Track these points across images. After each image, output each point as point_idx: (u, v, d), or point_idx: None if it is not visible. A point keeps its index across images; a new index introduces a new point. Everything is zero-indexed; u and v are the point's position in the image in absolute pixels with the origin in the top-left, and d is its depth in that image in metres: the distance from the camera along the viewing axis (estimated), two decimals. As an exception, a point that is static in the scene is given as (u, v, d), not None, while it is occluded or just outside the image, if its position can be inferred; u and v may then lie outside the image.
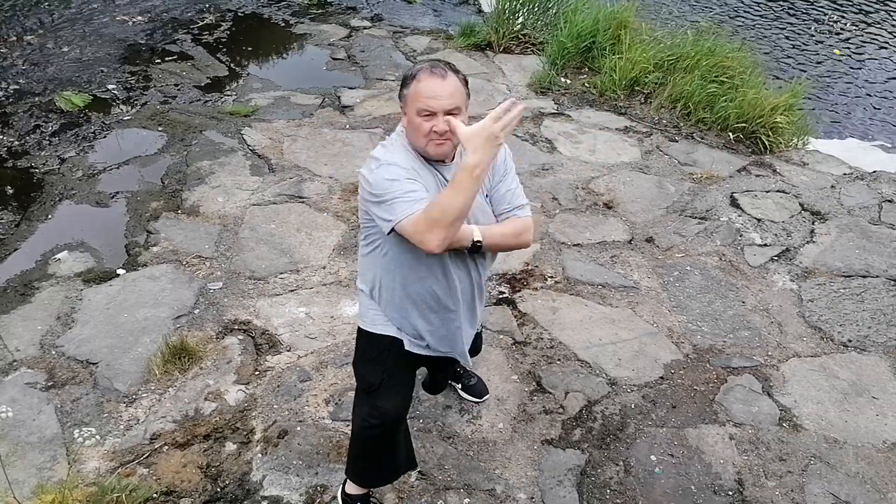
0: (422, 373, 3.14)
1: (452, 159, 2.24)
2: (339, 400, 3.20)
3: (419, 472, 2.90)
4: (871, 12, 8.48)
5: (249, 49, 6.69)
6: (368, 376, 2.48)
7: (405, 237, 2.08)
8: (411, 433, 3.01)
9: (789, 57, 7.37)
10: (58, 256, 3.99)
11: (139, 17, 6.99)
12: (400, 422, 2.54)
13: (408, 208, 2.04)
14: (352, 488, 2.71)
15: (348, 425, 3.05)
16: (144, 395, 3.20)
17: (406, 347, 2.43)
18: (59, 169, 4.74)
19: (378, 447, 2.53)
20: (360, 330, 2.50)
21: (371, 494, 2.75)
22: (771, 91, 5.75)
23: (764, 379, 3.48)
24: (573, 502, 2.85)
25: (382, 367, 2.43)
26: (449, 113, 2.10)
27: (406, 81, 2.16)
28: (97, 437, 3.00)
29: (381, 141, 2.30)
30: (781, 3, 8.51)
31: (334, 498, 2.78)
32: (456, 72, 2.16)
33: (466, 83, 2.18)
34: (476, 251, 2.23)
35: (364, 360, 2.52)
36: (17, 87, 5.66)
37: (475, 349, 3.02)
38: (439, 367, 2.90)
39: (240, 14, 7.29)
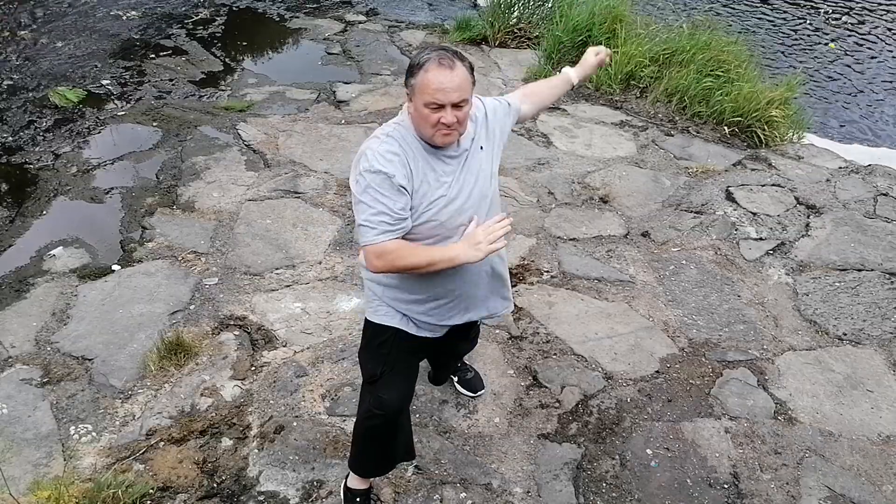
0: (427, 367, 3.16)
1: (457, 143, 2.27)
2: (336, 395, 3.20)
3: (416, 466, 2.91)
4: (866, 6, 8.48)
5: (244, 44, 6.67)
6: (371, 366, 2.49)
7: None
8: (408, 428, 3.02)
9: (785, 51, 7.37)
10: (52, 252, 3.98)
11: (133, 12, 6.96)
12: (401, 413, 2.54)
13: (372, 237, 2.14)
14: (353, 483, 2.71)
15: (345, 420, 3.06)
16: (140, 391, 3.20)
17: (412, 332, 2.43)
18: (53, 165, 4.72)
19: (378, 438, 2.54)
20: (365, 319, 2.51)
21: (371, 490, 2.75)
22: (766, 85, 5.75)
23: (759, 372, 3.49)
24: (569, 496, 2.85)
25: (384, 357, 2.44)
26: (456, 105, 2.10)
27: (413, 70, 2.14)
28: (93, 433, 3.00)
29: (383, 128, 2.28)
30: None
31: (331, 493, 2.79)
32: (462, 59, 2.15)
33: (472, 70, 2.19)
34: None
35: (367, 350, 2.53)
36: (10, 82, 5.63)
37: (471, 343, 3.03)
38: (441, 360, 2.91)
39: (234, 9, 7.26)
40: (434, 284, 2.35)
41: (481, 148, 2.33)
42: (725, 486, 2.93)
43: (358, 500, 2.70)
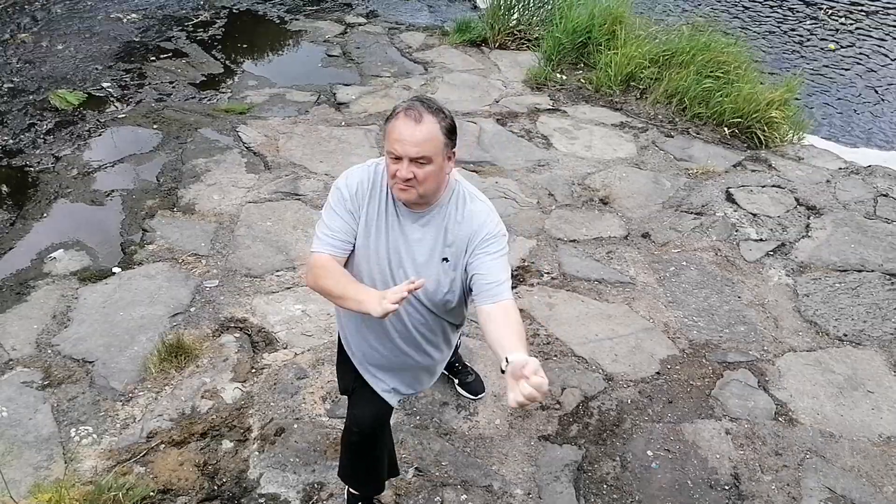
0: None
1: (423, 207, 2.09)
2: (336, 397, 3.20)
3: (416, 468, 2.91)
4: (866, 6, 8.48)
5: (244, 46, 6.67)
6: (343, 382, 2.47)
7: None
8: (408, 430, 3.03)
9: (784, 52, 7.38)
10: (53, 255, 3.98)
11: (133, 15, 6.96)
12: (379, 430, 2.46)
13: (318, 247, 2.12)
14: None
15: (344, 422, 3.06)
16: (141, 393, 3.20)
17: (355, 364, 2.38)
18: (53, 167, 4.73)
19: (359, 454, 2.49)
20: (338, 334, 2.48)
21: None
22: (766, 86, 5.75)
23: (760, 374, 3.49)
24: (570, 498, 2.85)
25: (353, 372, 2.39)
26: (415, 160, 1.95)
27: (389, 115, 2.03)
28: (94, 435, 3.00)
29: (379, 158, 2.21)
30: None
31: (332, 495, 2.79)
32: (441, 114, 1.99)
33: (451, 130, 2.01)
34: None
35: (339, 365, 2.51)
36: (11, 85, 5.63)
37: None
38: None
39: (234, 11, 7.26)
40: (352, 317, 2.26)
41: (445, 260, 2.13)
42: (726, 488, 2.93)
43: (360, 503, 2.70)
